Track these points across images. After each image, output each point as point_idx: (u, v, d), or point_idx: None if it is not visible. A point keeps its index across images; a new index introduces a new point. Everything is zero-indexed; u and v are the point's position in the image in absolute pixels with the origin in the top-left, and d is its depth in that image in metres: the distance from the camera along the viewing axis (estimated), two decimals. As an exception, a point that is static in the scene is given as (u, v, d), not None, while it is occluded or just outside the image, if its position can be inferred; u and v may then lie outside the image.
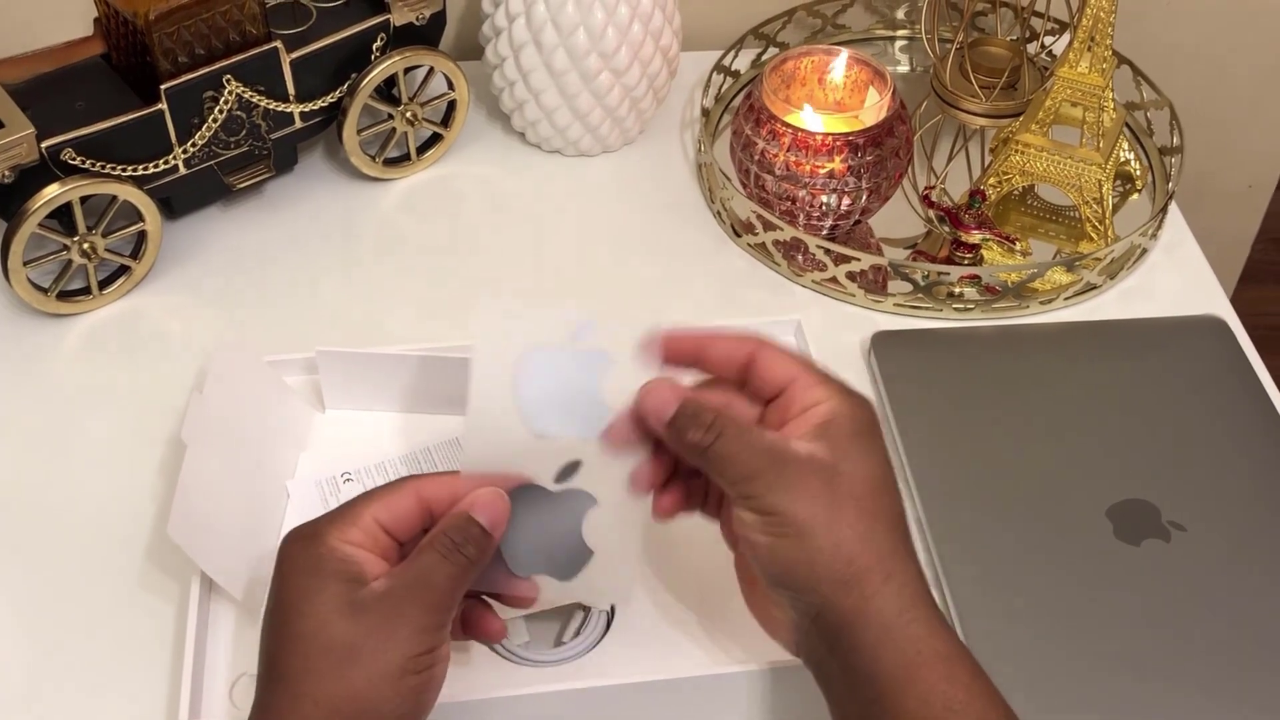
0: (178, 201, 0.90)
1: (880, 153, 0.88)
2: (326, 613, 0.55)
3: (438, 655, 0.57)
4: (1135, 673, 0.68)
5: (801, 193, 0.89)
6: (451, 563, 0.57)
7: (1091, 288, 0.90)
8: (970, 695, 0.55)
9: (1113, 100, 0.93)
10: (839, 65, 0.92)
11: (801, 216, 0.90)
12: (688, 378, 0.63)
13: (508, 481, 0.60)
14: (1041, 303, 0.89)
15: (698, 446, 0.58)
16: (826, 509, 0.57)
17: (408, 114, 0.95)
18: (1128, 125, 1.00)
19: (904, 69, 1.09)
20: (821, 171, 0.88)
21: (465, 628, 0.62)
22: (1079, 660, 0.69)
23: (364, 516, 0.58)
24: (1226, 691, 0.68)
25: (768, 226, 0.90)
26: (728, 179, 0.93)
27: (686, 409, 0.59)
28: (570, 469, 0.62)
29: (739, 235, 0.93)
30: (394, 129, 0.95)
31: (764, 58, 1.06)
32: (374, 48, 0.92)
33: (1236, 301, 0.92)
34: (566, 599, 0.64)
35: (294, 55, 0.88)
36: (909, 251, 0.93)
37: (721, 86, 1.03)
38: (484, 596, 0.63)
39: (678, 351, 0.62)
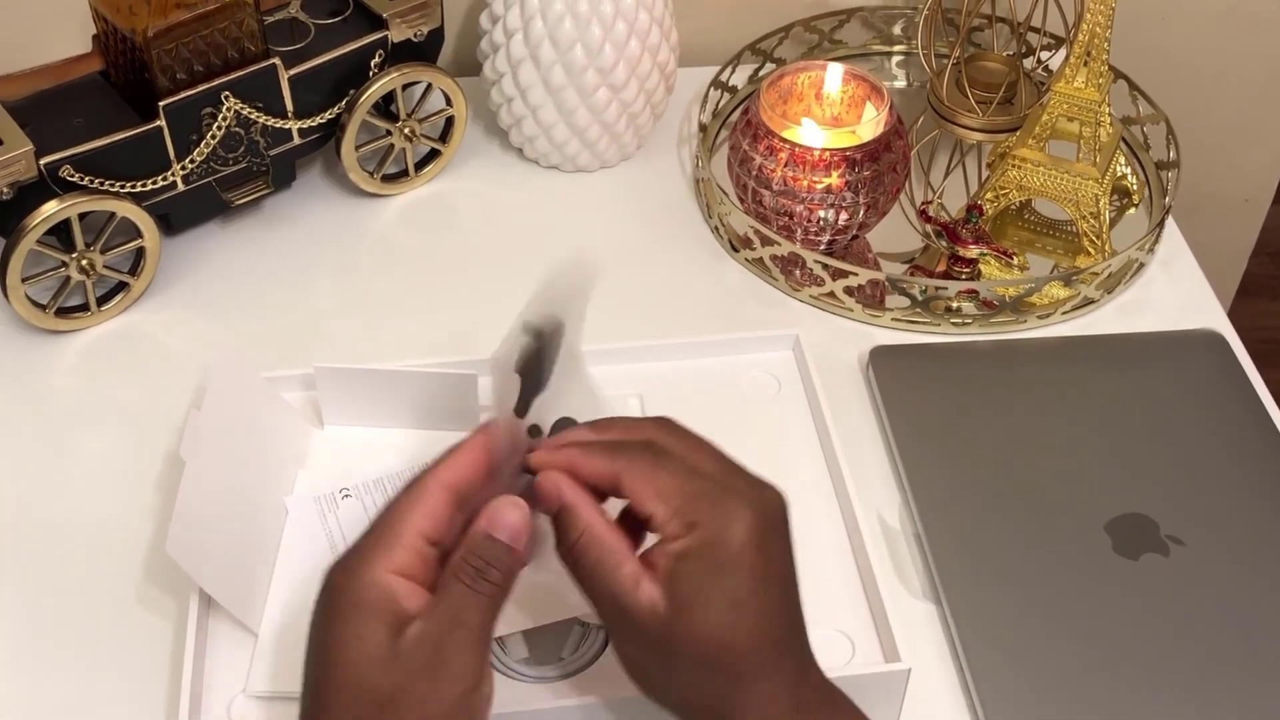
0: (176, 218, 0.90)
1: (877, 168, 0.88)
2: (368, 661, 0.53)
3: (483, 687, 0.55)
4: (1134, 687, 0.68)
5: (799, 208, 0.89)
6: (479, 593, 0.55)
7: (1089, 302, 0.90)
8: None
9: (1109, 115, 0.93)
10: (836, 80, 0.92)
11: (799, 231, 0.90)
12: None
13: (518, 443, 0.59)
14: (1039, 317, 0.89)
15: (562, 551, 0.58)
16: (661, 658, 0.56)
17: (406, 130, 0.95)
18: (1124, 140, 1.00)
19: (901, 84, 1.09)
20: (819, 186, 0.88)
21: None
22: (1078, 675, 0.69)
23: (407, 534, 0.56)
24: (1226, 705, 0.68)
25: (765, 241, 0.90)
26: (725, 194, 0.93)
27: (564, 516, 0.58)
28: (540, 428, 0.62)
29: (736, 250, 0.93)
30: (392, 145, 0.96)
31: (761, 73, 1.06)
32: (372, 64, 0.92)
33: (1234, 315, 0.92)
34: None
35: (292, 72, 0.88)
36: (906, 266, 0.94)
37: (719, 102, 1.03)
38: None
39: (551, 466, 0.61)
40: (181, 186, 0.88)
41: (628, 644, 0.57)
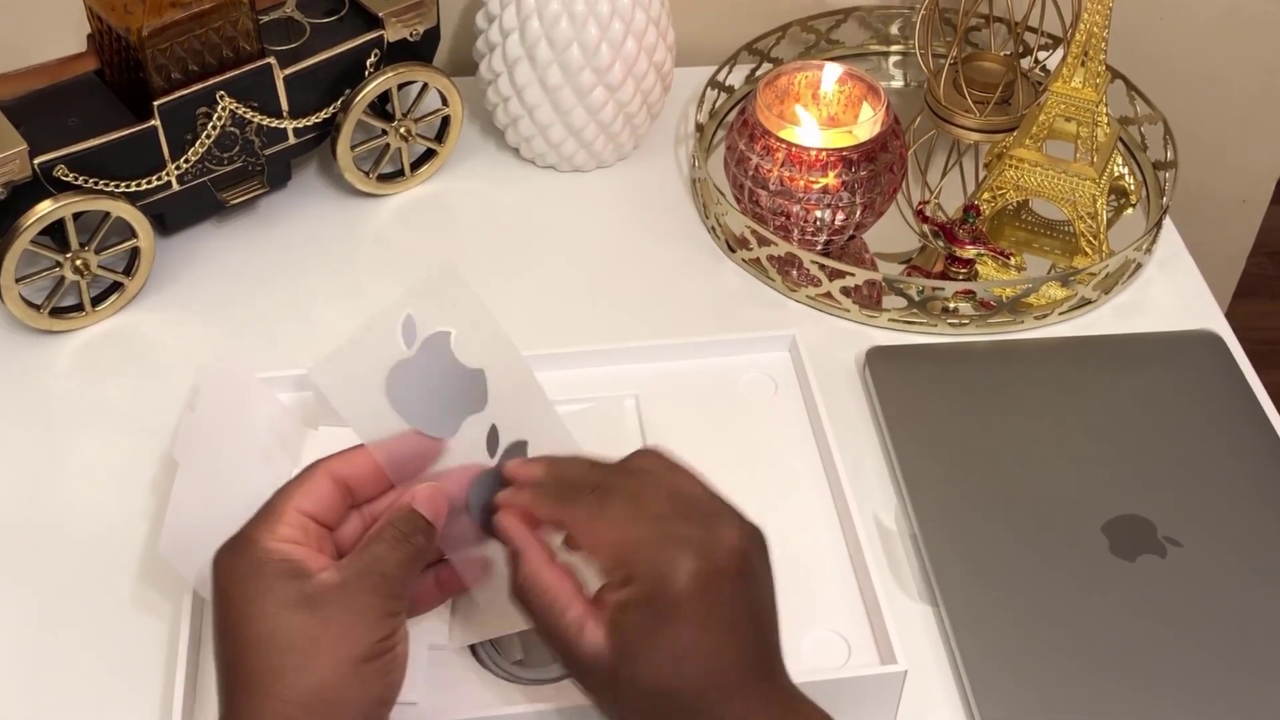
0: (171, 218, 0.90)
1: (874, 168, 0.88)
2: (279, 611, 0.55)
3: (398, 636, 0.57)
4: (1131, 688, 0.68)
5: (795, 208, 0.89)
6: (402, 550, 0.57)
7: (1086, 303, 0.90)
8: None
9: (1106, 115, 0.93)
10: (833, 80, 0.92)
11: (796, 232, 0.90)
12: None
13: (411, 443, 0.61)
14: (1036, 318, 0.89)
15: (510, 587, 0.60)
16: (611, 702, 0.57)
17: (401, 130, 0.95)
18: (1122, 140, 1.00)
19: (898, 84, 1.09)
20: (815, 187, 0.88)
21: (440, 588, 0.63)
22: (1075, 676, 0.68)
23: (288, 511, 0.58)
24: (1223, 707, 0.68)
25: (762, 242, 0.90)
26: (722, 194, 0.93)
27: (510, 551, 0.60)
28: (493, 436, 0.63)
29: (733, 250, 0.93)
30: (388, 145, 0.95)
31: (758, 73, 1.06)
32: (368, 64, 0.92)
33: (1231, 316, 0.92)
34: None
35: (288, 71, 0.88)
36: (903, 266, 0.93)
37: (716, 102, 1.03)
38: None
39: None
40: (176, 186, 0.87)
41: (579, 683, 0.59)
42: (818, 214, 0.89)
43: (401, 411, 0.61)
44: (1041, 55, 1.07)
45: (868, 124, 0.89)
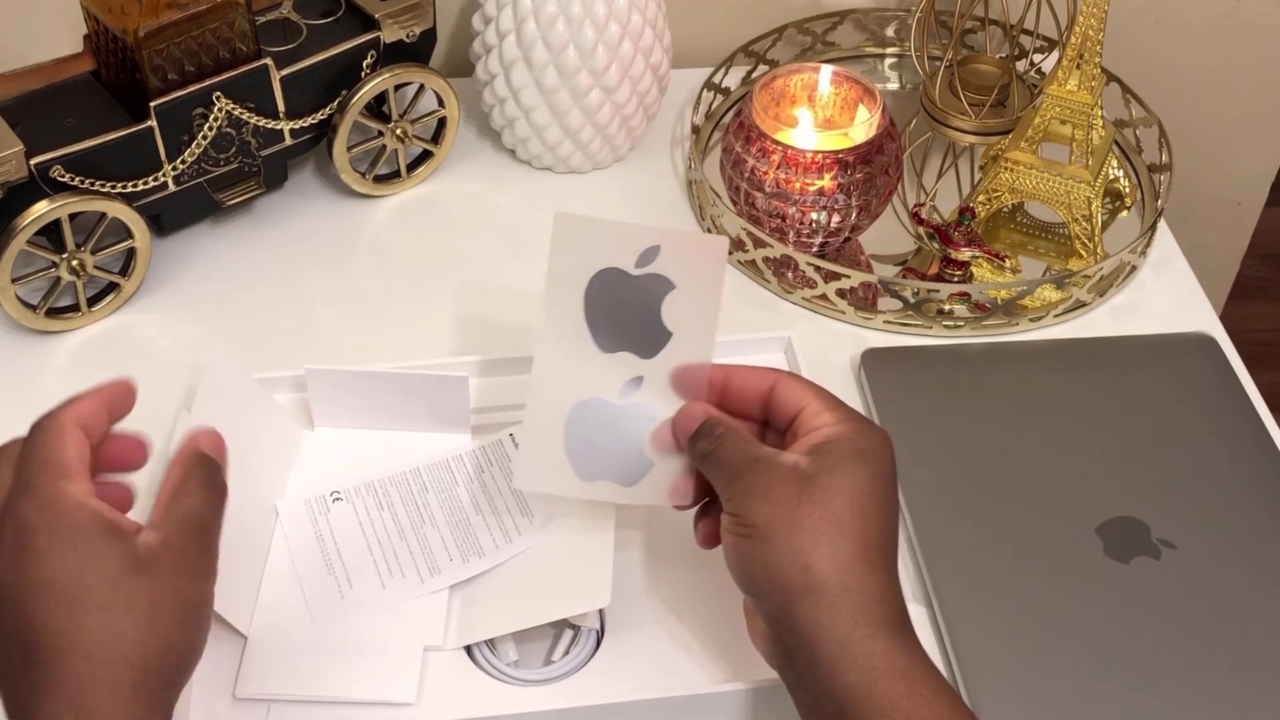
0: (167, 218, 0.90)
1: (870, 170, 0.88)
2: (115, 576, 0.54)
3: (211, 585, 0.58)
4: (1126, 690, 0.68)
5: (791, 210, 0.89)
6: (211, 495, 0.59)
7: (1081, 305, 0.90)
8: (934, 710, 0.55)
9: (1102, 117, 0.93)
10: (828, 83, 0.92)
11: (791, 234, 0.90)
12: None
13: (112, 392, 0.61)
14: (1031, 320, 0.89)
15: (703, 454, 0.62)
16: (791, 515, 0.58)
17: (398, 131, 0.95)
18: (1117, 142, 1.00)
19: (893, 86, 1.09)
20: (811, 189, 0.88)
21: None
22: (1069, 678, 0.69)
23: (74, 463, 0.56)
24: (1218, 708, 0.68)
25: (758, 244, 0.90)
26: (718, 196, 0.93)
27: (706, 424, 0.64)
28: (632, 384, 0.66)
29: (729, 252, 0.93)
30: (384, 146, 0.95)
31: (754, 75, 1.06)
32: (364, 65, 0.92)
33: (1226, 318, 0.92)
34: (629, 501, 0.67)
35: (284, 72, 0.88)
36: (899, 268, 0.94)
37: (711, 104, 1.03)
38: None
39: (707, 386, 0.66)
40: (173, 187, 0.87)
41: (762, 504, 0.59)
42: (813, 216, 0.89)
43: (586, 304, 0.65)
44: (1037, 58, 1.07)
45: (863, 126, 0.89)
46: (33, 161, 0.81)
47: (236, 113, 0.87)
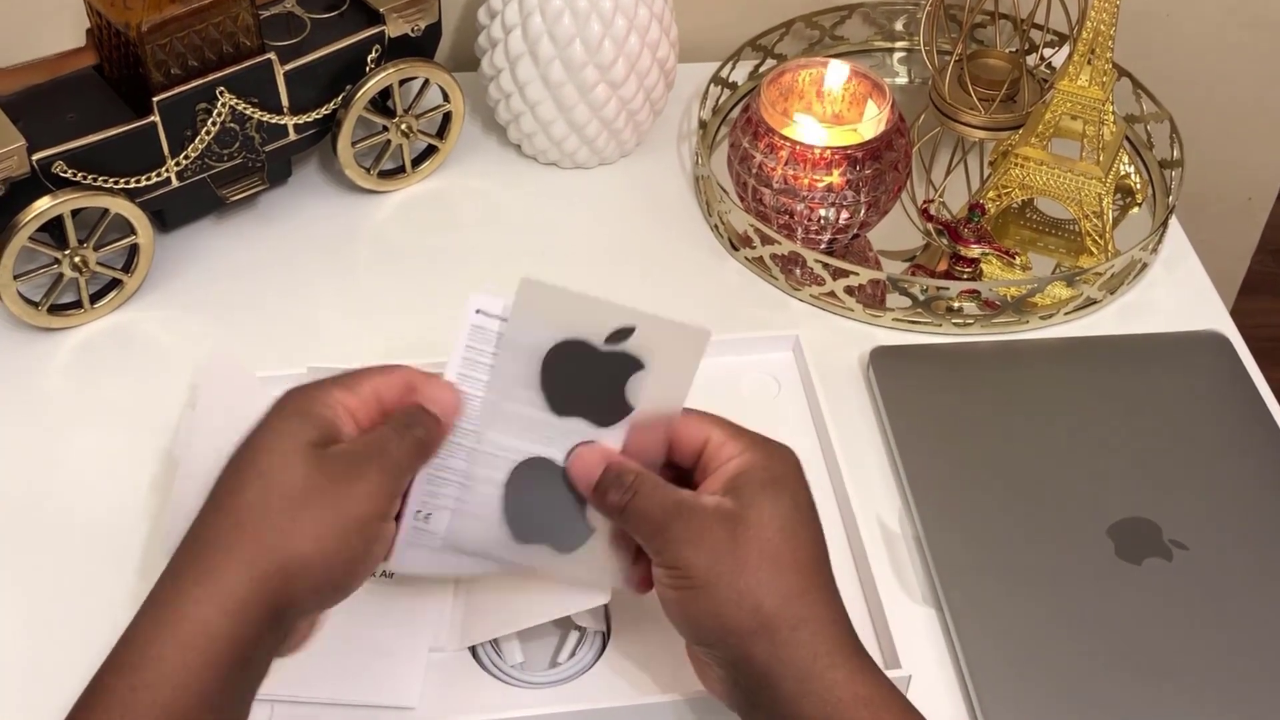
0: (170, 214, 0.90)
1: (879, 166, 0.87)
2: (292, 455, 0.56)
3: (385, 527, 0.58)
4: (1137, 693, 0.68)
5: (799, 206, 0.88)
6: (405, 438, 0.59)
7: (1092, 302, 0.89)
8: None
9: (1113, 113, 0.93)
10: (837, 77, 0.91)
11: (799, 230, 0.90)
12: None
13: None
14: (1041, 318, 0.88)
15: (617, 506, 0.60)
16: (730, 559, 0.57)
17: (403, 126, 0.94)
18: (1128, 138, 0.99)
19: (902, 81, 1.09)
20: (820, 185, 0.87)
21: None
22: (1081, 681, 0.68)
23: (364, 386, 0.60)
24: (1230, 710, 0.67)
25: (765, 240, 0.90)
26: (725, 192, 0.92)
27: (610, 472, 0.61)
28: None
29: (736, 249, 0.93)
30: (389, 141, 0.95)
31: (762, 70, 1.05)
32: (369, 59, 0.91)
33: (1236, 313, 0.91)
34: (560, 574, 0.64)
35: (288, 67, 0.88)
36: (907, 265, 0.93)
37: (719, 99, 1.02)
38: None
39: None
40: (176, 182, 0.87)
41: (698, 553, 0.58)
42: (822, 212, 0.88)
43: (543, 369, 0.62)
44: (1047, 52, 1.06)
45: (872, 122, 0.88)
46: (35, 157, 0.80)
47: (240, 108, 0.86)
